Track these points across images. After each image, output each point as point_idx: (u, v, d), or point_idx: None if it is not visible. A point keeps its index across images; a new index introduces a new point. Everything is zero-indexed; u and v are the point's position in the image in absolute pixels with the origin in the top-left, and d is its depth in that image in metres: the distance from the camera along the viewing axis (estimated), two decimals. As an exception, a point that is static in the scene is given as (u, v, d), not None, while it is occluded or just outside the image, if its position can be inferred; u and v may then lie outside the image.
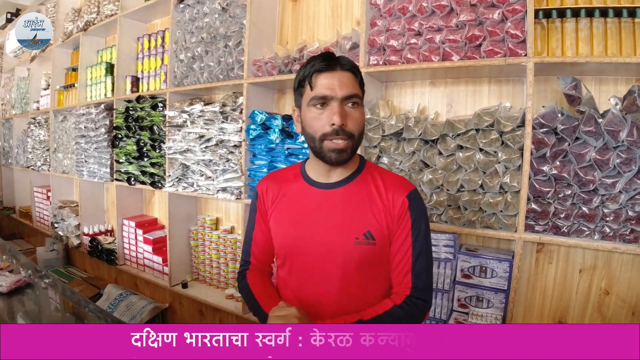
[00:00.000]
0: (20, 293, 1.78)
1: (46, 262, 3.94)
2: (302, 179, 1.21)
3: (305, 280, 1.17)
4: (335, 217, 1.13)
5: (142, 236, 3.12)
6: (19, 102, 4.95)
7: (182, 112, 2.58)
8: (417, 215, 1.12)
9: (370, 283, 1.15)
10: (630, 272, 1.61)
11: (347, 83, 1.05)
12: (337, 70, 1.06)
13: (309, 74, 1.07)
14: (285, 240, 1.20)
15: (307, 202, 1.17)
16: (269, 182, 1.26)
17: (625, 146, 1.41)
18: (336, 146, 1.05)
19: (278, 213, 1.21)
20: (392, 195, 1.12)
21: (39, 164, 4.36)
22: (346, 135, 1.05)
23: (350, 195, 1.14)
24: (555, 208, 1.55)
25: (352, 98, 1.06)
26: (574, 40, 1.58)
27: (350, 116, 1.05)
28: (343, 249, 1.11)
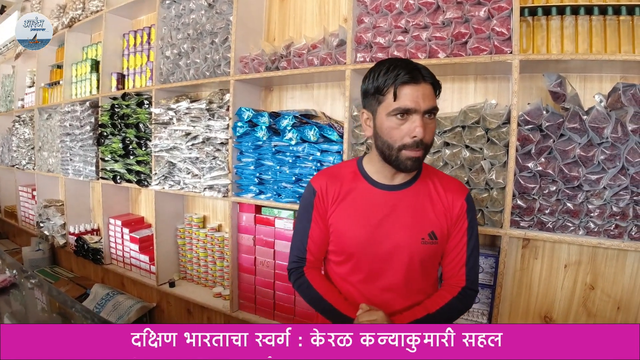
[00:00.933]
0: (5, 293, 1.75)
1: (32, 262, 3.89)
2: (363, 179, 1.24)
3: (371, 277, 1.22)
4: (403, 219, 1.18)
5: (129, 235, 3.09)
6: (4, 99, 4.87)
7: (168, 109, 2.55)
8: (472, 217, 1.22)
9: (427, 276, 1.25)
10: (615, 267, 1.63)
11: (429, 96, 1.08)
12: (421, 83, 1.07)
13: (394, 83, 1.07)
14: (352, 240, 1.21)
15: (374, 202, 1.21)
16: (328, 180, 1.27)
17: (609, 143, 1.42)
18: (414, 155, 1.09)
19: (342, 211, 1.23)
20: (451, 197, 1.21)
21: (23, 162, 4.29)
22: (424, 146, 1.09)
23: (414, 198, 1.20)
24: (541, 204, 1.56)
25: (432, 111, 1.09)
26: (559, 38, 1.59)
27: (428, 127, 1.09)
28: (411, 248, 1.18)
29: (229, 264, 2.40)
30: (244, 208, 2.31)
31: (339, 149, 1.92)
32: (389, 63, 1.11)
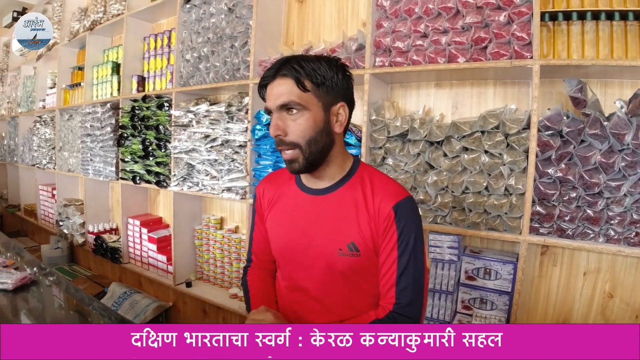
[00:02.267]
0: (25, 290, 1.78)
1: (50, 259, 3.97)
2: (294, 182, 1.20)
3: (295, 284, 1.18)
4: (321, 226, 1.11)
5: (147, 235, 3.14)
6: (25, 100, 4.98)
7: (188, 111, 2.59)
8: (405, 226, 1.05)
9: (356, 292, 1.13)
10: (635, 275, 1.61)
11: (283, 91, 1.02)
12: (275, 80, 1.04)
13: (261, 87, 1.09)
14: (277, 244, 1.21)
15: (298, 207, 1.16)
16: (266, 184, 1.27)
17: (630, 149, 1.41)
18: (285, 156, 1.06)
19: (273, 216, 1.22)
20: (378, 204, 1.06)
21: (44, 162, 4.39)
22: (288, 145, 1.04)
23: (337, 203, 1.11)
24: (560, 211, 1.55)
25: (287, 106, 1.02)
26: (579, 43, 1.58)
27: (290, 124, 1.03)
28: (327, 258, 1.09)
29: (245, 265, 2.42)
30: (261, 210, 2.33)
31: (357, 152, 1.93)
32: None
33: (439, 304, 1.76)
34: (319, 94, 1.04)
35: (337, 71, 1.07)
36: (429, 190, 1.78)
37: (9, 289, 1.73)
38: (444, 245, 1.74)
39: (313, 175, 1.13)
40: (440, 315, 1.77)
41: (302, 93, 1.02)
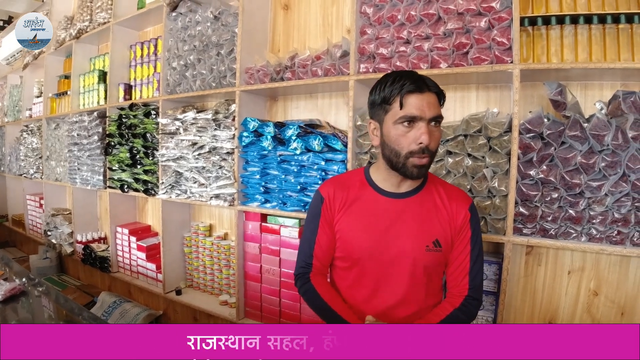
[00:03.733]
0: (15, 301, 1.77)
1: (39, 270, 3.92)
2: (369, 187, 1.28)
3: (377, 283, 1.25)
4: (409, 226, 1.22)
5: (136, 243, 3.12)
6: (12, 109, 4.93)
7: (175, 119, 2.59)
8: (475, 226, 1.25)
9: (430, 284, 1.27)
10: (618, 273, 1.64)
11: (434, 105, 1.13)
12: (425, 92, 1.12)
13: (400, 93, 1.12)
14: (358, 246, 1.25)
15: (380, 210, 1.24)
16: (335, 188, 1.31)
17: (610, 150, 1.44)
18: (420, 163, 1.13)
19: (349, 218, 1.26)
20: (455, 206, 1.24)
21: (31, 171, 4.34)
22: (430, 153, 1.14)
23: (419, 206, 1.24)
24: (543, 211, 1.57)
25: (437, 119, 1.13)
26: (559, 47, 1.61)
27: (433, 135, 1.13)
28: (415, 255, 1.21)
29: (235, 272, 2.42)
30: (249, 217, 2.34)
31: (343, 158, 1.94)
32: (395, 75, 1.16)
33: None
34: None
35: None
36: (415, 194, 1.80)
37: (-2, 300, 1.72)
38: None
39: (397, 181, 1.24)
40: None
41: (440, 108, 1.16)
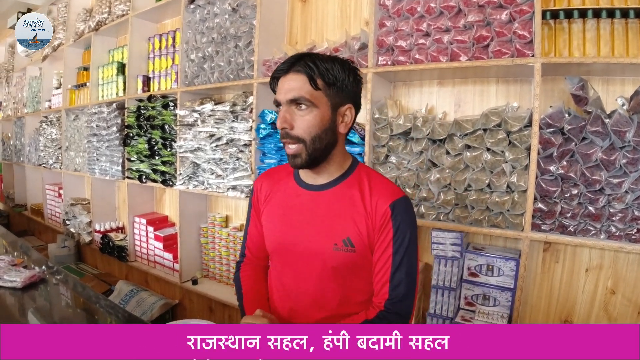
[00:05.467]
0: (34, 288, 1.81)
1: (58, 258, 4.00)
2: (293, 178, 1.22)
3: (289, 278, 1.20)
4: (318, 221, 1.13)
5: (153, 233, 3.17)
6: (31, 100, 5.01)
7: (193, 111, 2.62)
8: (400, 224, 1.08)
9: (348, 289, 1.15)
10: (637, 271, 1.62)
11: (294, 86, 1.05)
12: (288, 74, 1.06)
13: (273, 77, 1.11)
14: (272, 238, 1.22)
15: (295, 202, 1.18)
16: (264, 180, 1.28)
17: (631, 146, 1.42)
18: (288, 151, 1.08)
19: (269, 210, 1.23)
20: (375, 202, 1.09)
21: (50, 162, 4.42)
22: (293, 139, 1.06)
23: (334, 199, 1.13)
24: (562, 207, 1.56)
25: (297, 101, 1.05)
26: (581, 41, 1.59)
27: (297, 119, 1.06)
28: (322, 253, 1.11)
29: (251, 262, 2.44)
30: (265, 208, 2.35)
31: (360, 151, 1.95)
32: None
33: (442, 300, 1.78)
34: (329, 94, 1.07)
35: (349, 74, 1.10)
36: (432, 188, 1.80)
37: (18, 287, 1.75)
38: (447, 242, 1.75)
39: (313, 172, 1.16)
40: (444, 312, 1.78)
41: (313, 90, 1.05)
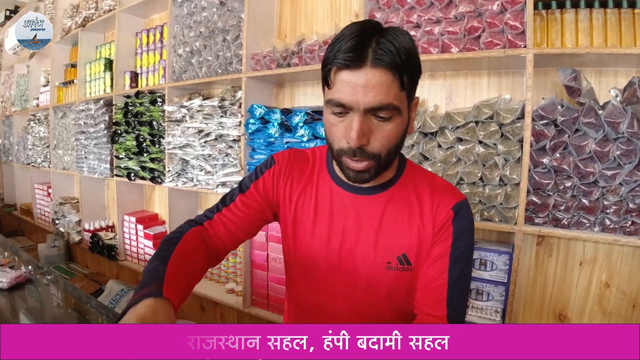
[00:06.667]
0: (21, 289, 1.78)
1: (48, 258, 3.95)
2: (327, 173, 0.97)
3: (319, 302, 0.98)
4: (367, 233, 0.91)
5: (143, 232, 3.12)
6: (19, 99, 4.95)
7: (181, 107, 2.57)
8: (461, 231, 0.89)
9: (402, 311, 0.94)
10: (631, 264, 1.61)
11: (377, 88, 0.74)
12: (364, 67, 0.74)
13: (329, 65, 0.79)
14: (302, 249, 0.97)
15: (335, 205, 0.94)
16: (295, 159, 1.01)
17: (625, 138, 1.40)
18: (354, 167, 0.81)
19: (298, 210, 0.97)
20: (437, 205, 0.90)
21: (39, 160, 4.36)
22: (367, 156, 0.80)
23: (386, 207, 0.91)
24: (555, 200, 1.54)
25: (381, 110, 0.76)
26: (573, 32, 1.56)
27: (376, 132, 0.78)
28: (371, 274, 0.91)
29: (242, 260, 2.41)
30: (256, 205, 2.32)
31: (350, 145, 1.91)
32: (346, 30, 0.78)
33: (435, 296, 1.75)
34: (410, 88, 0.81)
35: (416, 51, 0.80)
36: (424, 182, 1.77)
37: (4, 288, 1.72)
38: (440, 237, 1.72)
39: None
40: (437, 308, 1.76)
41: (399, 92, 0.77)
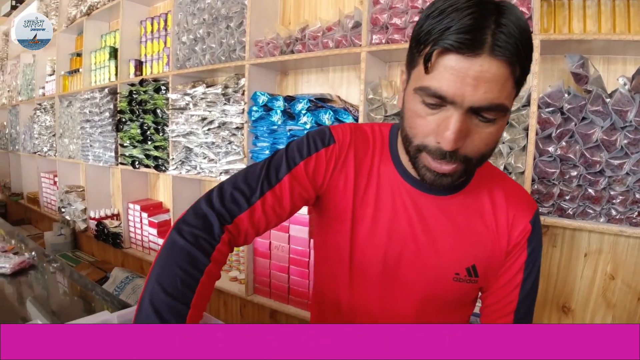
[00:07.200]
0: (24, 275, 1.79)
1: (54, 246, 3.98)
2: (390, 161, 0.83)
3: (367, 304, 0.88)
4: (431, 239, 0.81)
5: (147, 219, 3.14)
6: (25, 88, 4.96)
7: (185, 94, 2.57)
8: (535, 246, 0.81)
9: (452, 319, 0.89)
10: (637, 256, 1.58)
11: (492, 84, 0.60)
12: (481, 55, 0.59)
13: (433, 43, 0.62)
14: (362, 252, 0.84)
15: (400, 203, 0.81)
16: (357, 145, 0.84)
17: (633, 127, 1.37)
18: (437, 169, 0.69)
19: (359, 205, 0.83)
20: (513, 216, 0.80)
21: (45, 149, 4.38)
22: (456, 159, 0.67)
23: (457, 211, 0.81)
24: (561, 190, 1.52)
25: (490, 111, 0.63)
26: (581, 18, 1.54)
27: (474, 134, 0.65)
28: (436, 283, 0.82)
29: (244, 248, 2.41)
30: (259, 193, 2.31)
31: (353, 133, 1.89)
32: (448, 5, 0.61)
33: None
34: (521, 85, 0.68)
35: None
36: (427, 171, 1.75)
37: (7, 273, 1.73)
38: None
39: None
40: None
41: (512, 90, 0.65)
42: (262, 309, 2.38)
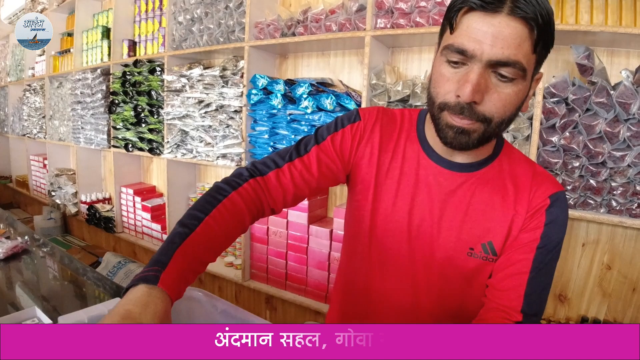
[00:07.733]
0: (17, 259, 1.76)
1: (44, 230, 3.93)
2: (417, 140, 0.87)
3: (382, 279, 0.91)
4: (449, 213, 0.83)
5: (141, 204, 3.10)
6: (14, 69, 4.84)
7: (181, 76, 2.52)
8: (553, 221, 0.80)
9: (467, 300, 0.88)
10: (634, 247, 1.60)
11: (512, 42, 0.65)
12: (500, 14, 0.65)
13: (460, 4, 0.68)
14: (379, 221, 0.88)
15: (423, 179, 0.85)
16: (382, 123, 0.89)
17: (636, 119, 1.38)
18: (456, 124, 0.72)
19: (379, 178, 0.88)
20: (534, 192, 0.81)
21: (34, 131, 4.30)
22: (475, 116, 0.70)
23: (477, 187, 0.83)
24: (563, 180, 1.52)
25: (506, 67, 0.67)
26: (588, 9, 1.54)
27: (493, 92, 0.69)
28: (448, 258, 0.84)
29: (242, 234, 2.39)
30: (256, 178, 2.29)
31: (355, 119, 1.88)
32: None
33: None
34: (540, 56, 0.72)
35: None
36: (429, 159, 1.75)
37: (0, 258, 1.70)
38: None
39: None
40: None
41: (530, 54, 0.68)
42: (258, 294, 2.37)
